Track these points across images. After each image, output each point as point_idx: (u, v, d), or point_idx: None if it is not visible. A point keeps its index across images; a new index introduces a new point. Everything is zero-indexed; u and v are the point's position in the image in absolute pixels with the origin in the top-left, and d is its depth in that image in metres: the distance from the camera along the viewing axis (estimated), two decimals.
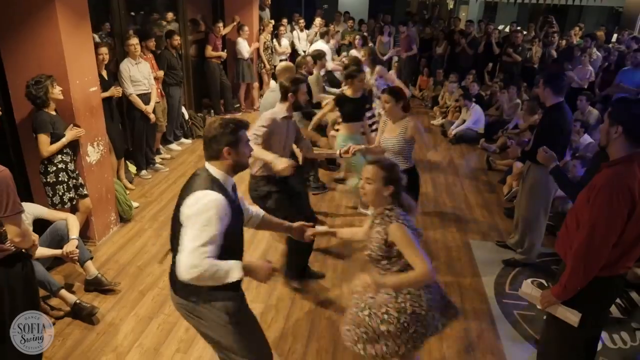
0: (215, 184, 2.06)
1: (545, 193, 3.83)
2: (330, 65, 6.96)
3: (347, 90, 4.64)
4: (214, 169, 2.11)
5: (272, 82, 8.43)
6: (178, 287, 2.13)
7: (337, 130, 5.08)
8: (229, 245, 2.07)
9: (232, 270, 1.99)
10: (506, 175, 5.76)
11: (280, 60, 8.99)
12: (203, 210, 1.96)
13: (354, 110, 4.63)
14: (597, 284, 2.21)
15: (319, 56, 5.63)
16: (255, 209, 2.55)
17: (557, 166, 2.85)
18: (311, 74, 5.35)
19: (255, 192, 3.47)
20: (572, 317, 2.26)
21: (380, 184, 2.28)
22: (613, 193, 2.08)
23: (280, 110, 3.39)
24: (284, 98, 3.39)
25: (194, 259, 1.91)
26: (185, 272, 1.92)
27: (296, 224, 2.61)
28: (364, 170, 2.35)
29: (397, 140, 3.53)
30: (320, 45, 7.70)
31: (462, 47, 9.42)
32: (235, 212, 2.12)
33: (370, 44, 7.87)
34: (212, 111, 8.05)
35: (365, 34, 8.97)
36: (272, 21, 8.75)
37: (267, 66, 8.68)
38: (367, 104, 5.04)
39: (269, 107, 3.67)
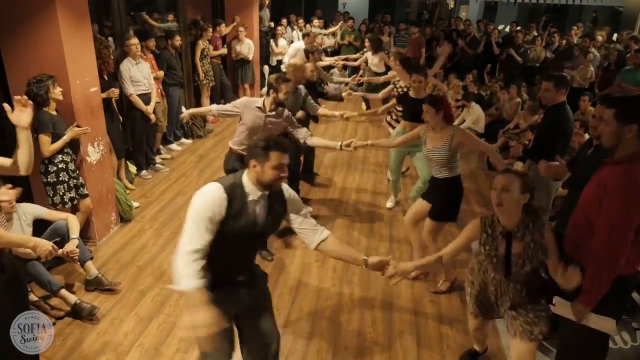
0: (232, 185, 2.11)
1: (545, 192, 3.83)
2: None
3: (410, 91, 4.67)
4: (245, 175, 2.17)
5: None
6: None
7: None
8: (221, 246, 2.08)
9: (185, 282, 1.92)
10: None
11: (277, 61, 9.02)
12: (197, 199, 2.07)
13: (415, 111, 4.50)
14: (618, 283, 2.18)
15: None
16: (322, 230, 2.35)
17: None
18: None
19: (227, 164, 3.82)
20: (607, 324, 2.22)
21: (519, 192, 2.25)
22: (629, 192, 2.04)
23: (260, 100, 3.67)
24: (267, 93, 3.67)
25: (180, 251, 1.99)
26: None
27: (373, 259, 2.32)
28: (497, 179, 2.29)
29: (443, 152, 3.40)
30: (299, 45, 7.82)
31: (462, 47, 9.41)
32: (240, 220, 2.10)
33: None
34: None
35: (374, 35, 8.88)
36: (222, 26, 7.80)
37: (201, 77, 7.07)
38: None
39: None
